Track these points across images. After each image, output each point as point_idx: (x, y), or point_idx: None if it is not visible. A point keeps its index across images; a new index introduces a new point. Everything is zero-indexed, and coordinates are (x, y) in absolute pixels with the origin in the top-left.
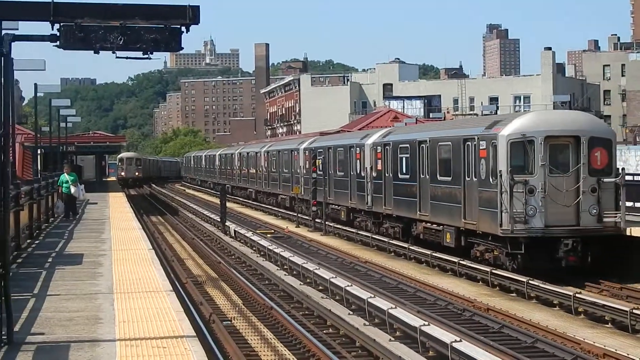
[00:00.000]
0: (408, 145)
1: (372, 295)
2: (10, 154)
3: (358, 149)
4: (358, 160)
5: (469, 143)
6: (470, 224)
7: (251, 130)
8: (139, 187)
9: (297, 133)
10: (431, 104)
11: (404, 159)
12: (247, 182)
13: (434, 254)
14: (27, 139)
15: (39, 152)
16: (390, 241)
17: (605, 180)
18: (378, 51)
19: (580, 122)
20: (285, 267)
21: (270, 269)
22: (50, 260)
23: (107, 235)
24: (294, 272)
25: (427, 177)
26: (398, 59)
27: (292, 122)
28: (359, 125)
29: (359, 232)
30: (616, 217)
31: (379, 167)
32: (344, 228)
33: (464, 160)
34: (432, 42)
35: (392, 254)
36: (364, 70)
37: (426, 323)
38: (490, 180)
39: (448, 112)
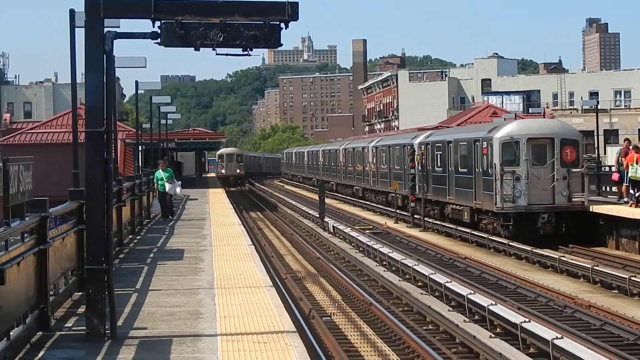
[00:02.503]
0: (441, 144)
1: (472, 292)
2: (113, 151)
3: (409, 147)
4: (410, 157)
5: (477, 143)
6: (478, 204)
7: (349, 127)
8: (240, 186)
9: (395, 129)
10: (530, 99)
11: (438, 155)
12: (329, 176)
13: (534, 250)
14: (128, 135)
15: (140, 148)
16: (490, 237)
17: (574, 170)
18: (476, 46)
19: (554, 127)
20: (384, 263)
21: (369, 265)
22: (151, 255)
23: (207, 231)
24: (393, 268)
25: (452, 169)
26: (496, 54)
27: (390, 118)
28: (457, 121)
29: (458, 227)
30: (582, 197)
31: (423, 162)
32: (443, 224)
33: (474, 156)
34: (531, 37)
35: (492, 250)
36: (462, 65)
37: (527, 320)
38: (489, 170)
39: (547, 108)
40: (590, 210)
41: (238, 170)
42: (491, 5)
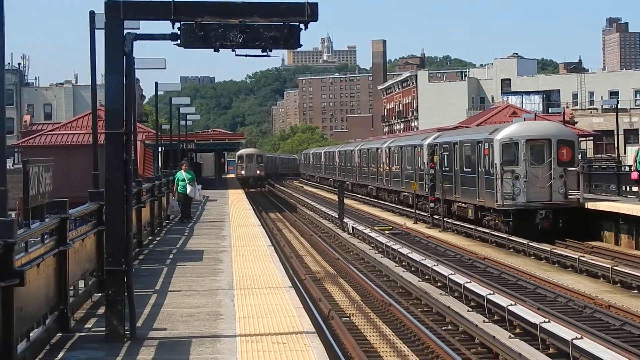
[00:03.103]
0: (448, 145)
1: (492, 292)
2: (132, 152)
3: (419, 148)
4: (419, 157)
5: (480, 144)
6: (481, 201)
7: (368, 127)
8: (260, 187)
9: (415, 129)
10: (550, 99)
11: (445, 156)
12: (345, 176)
13: (554, 249)
14: (147, 137)
15: (159, 149)
16: (510, 237)
17: (570, 169)
18: (496, 46)
19: (551, 129)
20: (403, 263)
21: (388, 266)
22: (171, 256)
23: (226, 232)
24: (413, 269)
25: (458, 169)
26: (516, 54)
27: (409, 119)
28: (477, 121)
29: (477, 228)
30: (578, 194)
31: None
32: (463, 225)
33: (477, 157)
34: (550, 37)
35: (512, 250)
36: (481, 65)
37: (546, 320)
38: (491, 170)
39: (567, 107)
40: (586, 207)
41: (258, 171)
42: (510, 5)
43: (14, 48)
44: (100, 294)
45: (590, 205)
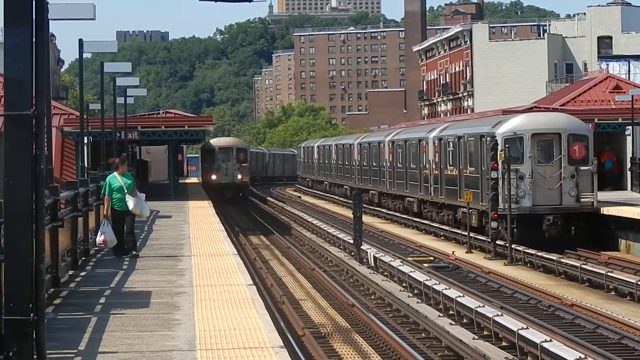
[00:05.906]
0: (452, 140)
1: (583, 357)
2: (45, 145)
3: (424, 142)
4: (425, 154)
5: (483, 139)
6: (484, 206)
7: (399, 107)
8: (242, 202)
9: (469, 111)
10: None
11: (450, 152)
12: (343, 178)
13: None
14: (68, 121)
15: (85, 140)
16: (609, 274)
17: (582, 168)
18: None
19: (562, 122)
20: (451, 312)
21: (428, 316)
22: (102, 300)
23: (186, 264)
24: (465, 321)
25: (462, 168)
26: None
27: (460, 95)
28: (562, 99)
29: (561, 260)
30: (591, 197)
31: (437, 159)
32: (539, 254)
33: (480, 154)
34: None
35: (612, 292)
36: (568, 16)
37: None
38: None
39: None
40: (602, 212)
41: (240, 176)
42: None
43: None
44: None
45: (607, 210)
